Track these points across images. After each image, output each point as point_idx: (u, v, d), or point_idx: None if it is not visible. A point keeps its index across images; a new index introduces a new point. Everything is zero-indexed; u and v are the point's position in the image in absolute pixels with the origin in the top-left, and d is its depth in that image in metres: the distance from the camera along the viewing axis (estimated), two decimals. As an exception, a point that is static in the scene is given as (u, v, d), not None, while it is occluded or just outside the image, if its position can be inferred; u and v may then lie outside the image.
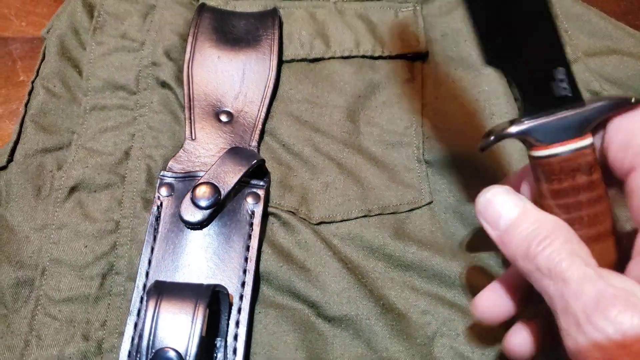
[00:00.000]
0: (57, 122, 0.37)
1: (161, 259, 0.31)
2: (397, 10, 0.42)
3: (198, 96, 0.37)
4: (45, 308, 0.31)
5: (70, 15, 0.40)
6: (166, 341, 0.26)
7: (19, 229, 0.33)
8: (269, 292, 0.32)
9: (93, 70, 0.38)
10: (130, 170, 0.35)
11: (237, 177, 0.32)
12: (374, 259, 0.34)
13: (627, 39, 0.40)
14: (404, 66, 0.40)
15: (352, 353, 0.31)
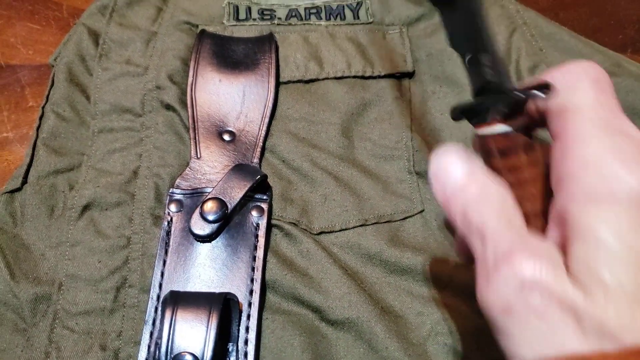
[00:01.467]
0: (67, 144, 0.39)
1: (173, 271, 0.33)
2: (385, 32, 0.45)
3: (202, 117, 0.39)
4: (63, 321, 0.32)
5: (77, 43, 0.43)
6: (183, 347, 0.28)
7: (35, 247, 0.35)
8: (275, 299, 0.34)
9: (100, 94, 0.41)
10: (139, 189, 0.37)
11: (242, 192, 0.34)
12: (372, 265, 0.36)
13: (596, 56, 0.43)
14: (393, 85, 0.43)
15: (354, 354, 0.33)
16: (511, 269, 0.19)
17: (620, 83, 0.41)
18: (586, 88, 0.21)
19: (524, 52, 0.42)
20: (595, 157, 0.20)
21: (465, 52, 0.26)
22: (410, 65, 0.43)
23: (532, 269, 0.19)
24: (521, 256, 0.19)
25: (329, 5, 0.47)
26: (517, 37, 0.43)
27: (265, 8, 0.46)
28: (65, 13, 0.49)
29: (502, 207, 0.21)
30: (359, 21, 0.46)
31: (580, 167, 0.20)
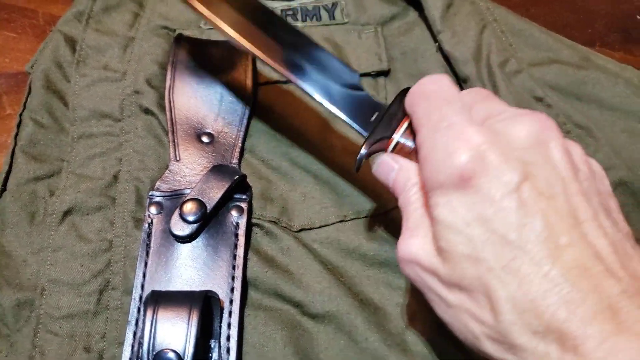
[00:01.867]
0: (46, 151, 0.39)
1: (155, 272, 0.33)
2: (360, 32, 0.46)
3: (180, 120, 0.40)
4: (47, 325, 0.33)
5: (54, 50, 0.43)
6: (165, 344, 0.28)
7: (16, 254, 0.35)
8: (257, 295, 0.35)
9: (79, 100, 0.41)
10: (120, 193, 0.38)
11: (221, 192, 0.35)
12: (351, 259, 0.37)
13: (565, 50, 0.44)
14: (368, 83, 0.44)
15: (335, 345, 0.33)
16: (402, 248, 0.27)
17: (588, 76, 0.42)
18: (419, 105, 0.28)
19: (494, 48, 0.43)
20: (426, 155, 0.26)
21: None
22: (385, 63, 0.44)
23: (413, 248, 0.27)
24: (409, 238, 0.27)
25: (305, 6, 0.47)
26: (488, 33, 0.44)
27: (241, 11, 0.47)
28: (41, 20, 0.49)
29: (408, 186, 0.29)
30: (335, 22, 0.47)
31: (421, 164, 0.27)
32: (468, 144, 0.24)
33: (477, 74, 0.42)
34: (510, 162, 0.24)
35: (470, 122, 0.26)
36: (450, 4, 0.45)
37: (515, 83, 0.42)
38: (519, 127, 0.25)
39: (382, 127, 0.31)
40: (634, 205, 0.38)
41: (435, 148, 0.26)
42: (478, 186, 0.24)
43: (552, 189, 0.24)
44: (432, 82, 0.28)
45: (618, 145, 0.40)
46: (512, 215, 0.23)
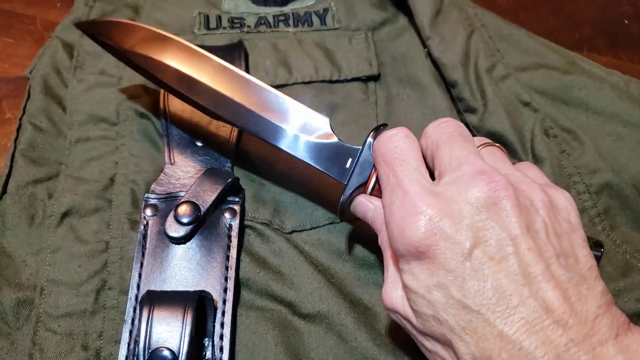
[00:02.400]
0: (45, 155, 0.40)
1: (150, 272, 0.34)
2: (351, 37, 0.47)
3: (174, 124, 0.41)
4: (46, 324, 0.34)
5: (52, 55, 0.44)
6: (160, 343, 0.30)
7: (16, 255, 0.36)
8: (249, 296, 0.36)
9: (76, 105, 0.42)
10: (116, 195, 0.39)
11: (214, 195, 0.36)
12: (342, 260, 0.38)
13: (551, 55, 0.45)
14: (359, 88, 0.45)
15: (326, 345, 0.34)
16: (386, 303, 0.30)
17: (575, 80, 0.43)
18: (380, 165, 0.30)
19: (482, 54, 0.44)
20: (387, 224, 0.29)
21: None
22: (375, 68, 0.45)
23: (393, 300, 0.29)
24: (390, 291, 0.30)
25: (297, 12, 0.49)
26: (476, 38, 0.45)
27: (235, 17, 0.48)
28: (39, 27, 0.50)
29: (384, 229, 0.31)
30: (326, 27, 0.48)
31: (387, 230, 0.29)
32: (420, 219, 0.26)
33: (465, 79, 0.43)
34: (461, 231, 0.26)
35: (422, 190, 0.27)
36: (439, 11, 0.46)
37: (502, 88, 0.43)
38: (471, 191, 0.26)
39: (357, 174, 0.33)
40: (619, 207, 0.39)
41: (393, 221, 0.28)
42: (434, 257, 0.26)
43: (503, 251, 0.25)
44: (390, 140, 0.30)
45: (604, 148, 0.41)
46: (466, 282, 0.25)
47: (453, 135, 0.30)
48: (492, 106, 0.41)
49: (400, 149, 0.30)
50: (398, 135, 0.30)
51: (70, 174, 0.39)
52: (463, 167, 0.28)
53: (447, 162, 0.28)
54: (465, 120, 0.43)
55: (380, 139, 0.31)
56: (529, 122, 0.41)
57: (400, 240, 0.27)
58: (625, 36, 0.52)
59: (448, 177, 0.28)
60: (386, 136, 0.31)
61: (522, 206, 0.26)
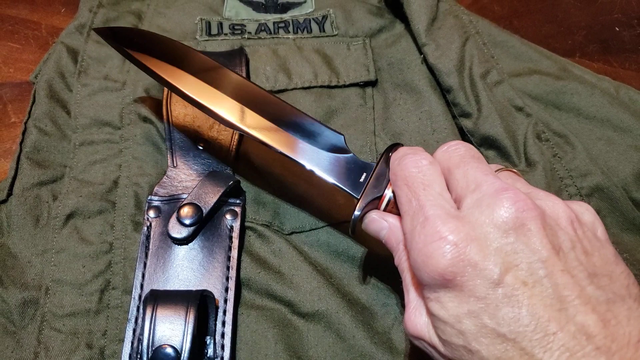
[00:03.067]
0: (50, 157, 0.41)
1: (153, 272, 0.35)
2: (349, 44, 0.48)
3: (177, 128, 0.42)
4: (51, 323, 0.35)
5: (56, 60, 0.45)
6: (163, 340, 0.30)
7: (22, 255, 0.37)
8: (250, 295, 0.37)
9: (80, 109, 0.43)
10: (120, 197, 0.40)
11: (216, 197, 0.37)
12: (340, 261, 0.39)
13: (545, 61, 0.47)
14: (357, 93, 0.46)
15: (324, 343, 0.35)
16: (409, 329, 0.29)
17: (567, 86, 0.45)
18: (400, 189, 0.29)
19: (476, 60, 0.45)
20: (409, 251, 0.27)
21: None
22: (373, 74, 0.46)
23: (417, 327, 0.28)
24: (413, 317, 0.28)
25: (297, 19, 0.50)
26: (470, 45, 0.46)
27: (236, 23, 0.49)
28: (44, 32, 0.51)
29: (400, 249, 0.30)
30: (325, 34, 0.49)
31: (408, 256, 0.28)
32: (444, 246, 0.25)
33: (460, 85, 0.44)
34: (489, 257, 0.24)
35: (445, 215, 0.26)
36: (434, 18, 0.47)
37: (496, 93, 0.44)
38: (496, 213, 0.25)
39: (371, 188, 0.32)
40: (609, 209, 0.40)
41: (415, 247, 0.26)
42: (462, 284, 0.25)
43: (535, 275, 0.24)
44: (414, 164, 0.29)
45: (595, 152, 0.42)
46: (499, 309, 0.24)
47: (465, 157, 0.29)
48: (486, 111, 0.42)
49: (424, 173, 0.29)
50: (423, 161, 0.29)
51: (75, 177, 0.40)
52: (483, 187, 0.26)
53: (463, 184, 0.27)
54: (460, 125, 0.44)
55: (403, 162, 0.30)
56: (522, 127, 0.42)
57: (425, 268, 0.25)
58: (616, 43, 0.54)
59: (469, 199, 0.27)
60: (410, 160, 0.29)
61: (548, 226, 0.25)
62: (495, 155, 0.42)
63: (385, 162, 0.32)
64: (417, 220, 0.27)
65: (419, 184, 0.28)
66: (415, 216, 0.27)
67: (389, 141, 0.44)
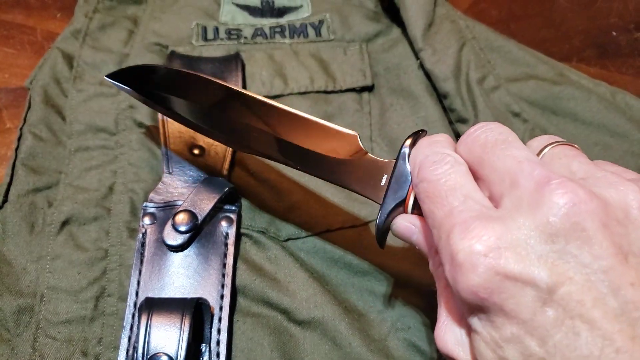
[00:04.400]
0: (45, 164, 0.41)
1: (148, 280, 0.35)
2: (346, 49, 0.48)
3: (172, 134, 0.41)
4: (46, 330, 0.34)
5: (52, 66, 0.45)
6: (158, 348, 0.30)
7: (16, 262, 0.37)
8: (245, 302, 0.36)
9: (75, 115, 0.43)
10: (115, 204, 0.39)
11: (211, 203, 0.37)
12: (337, 267, 0.39)
13: (541, 66, 0.47)
14: (353, 98, 0.46)
15: (320, 350, 0.35)
16: (440, 342, 0.25)
17: (563, 91, 0.45)
18: (424, 202, 0.25)
19: (473, 65, 0.45)
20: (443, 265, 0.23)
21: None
22: (369, 79, 0.46)
23: (449, 345, 0.24)
24: (445, 332, 0.25)
25: (293, 24, 0.50)
26: (467, 50, 0.46)
27: (232, 28, 0.49)
28: (39, 37, 0.51)
29: (432, 253, 0.27)
30: (321, 38, 0.49)
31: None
32: (473, 258, 0.20)
33: (457, 90, 0.44)
34: (532, 268, 0.20)
35: (473, 220, 0.21)
36: (431, 23, 0.47)
37: (493, 98, 0.44)
38: (540, 212, 0.20)
39: (393, 192, 0.28)
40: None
41: (445, 263, 0.22)
42: (501, 304, 0.20)
43: (595, 291, 0.19)
44: (433, 169, 0.25)
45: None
46: (550, 335, 0.19)
47: (487, 145, 0.24)
48: (483, 117, 0.42)
49: (446, 179, 0.24)
50: (444, 166, 0.24)
51: (70, 183, 0.40)
52: (520, 180, 0.21)
53: (495, 180, 0.23)
54: (457, 131, 0.44)
55: (422, 172, 0.25)
56: (519, 132, 0.42)
57: (456, 285, 0.21)
58: (613, 47, 0.54)
59: (507, 199, 0.22)
60: (428, 167, 0.25)
61: (612, 223, 0.20)
62: (492, 161, 0.42)
63: (404, 159, 0.28)
64: (443, 231, 0.22)
65: (441, 192, 0.24)
66: (441, 227, 0.23)
67: (385, 147, 0.44)
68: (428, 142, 0.27)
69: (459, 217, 0.22)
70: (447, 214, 0.23)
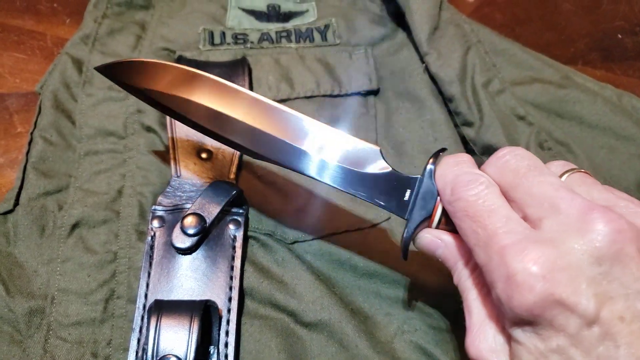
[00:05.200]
0: (55, 167, 0.42)
1: (157, 282, 0.36)
2: (351, 53, 0.48)
3: (180, 138, 0.42)
4: (57, 332, 0.35)
5: (62, 71, 0.45)
6: (167, 350, 0.31)
7: (28, 265, 0.37)
8: (253, 304, 0.37)
9: (85, 119, 0.43)
10: (124, 207, 0.40)
11: (219, 207, 0.37)
12: (343, 270, 0.39)
13: (546, 69, 0.47)
14: (359, 102, 0.46)
15: (327, 352, 0.35)
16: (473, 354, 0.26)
17: (569, 94, 0.45)
18: (463, 221, 0.27)
19: (478, 69, 0.45)
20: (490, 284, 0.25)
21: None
22: (375, 83, 0.47)
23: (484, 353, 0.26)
24: (478, 341, 0.26)
25: (299, 28, 0.50)
26: (472, 54, 0.46)
27: (239, 33, 0.50)
28: (49, 43, 0.51)
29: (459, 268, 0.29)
30: (327, 43, 0.49)
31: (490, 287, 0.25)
32: (530, 279, 0.22)
33: (462, 94, 0.44)
34: (581, 289, 0.22)
35: (524, 242, 0.23)
36: (436, 27, 0.47)
37: (498, 102, 0.44)
38: (588, 238, 0.22)
39: (420, 207, 0.29)
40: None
41: (496, 280, 0.24)
42: (551, 320, 0.22)
43: (633, 309, 0.22)
44: (468, 190, 0.26)
45: (597, 160, 0.42)
46: (594, 348, 0.22)
47: (520, 171, 0.26)
48: (488, 120, 0.43)
49: (483, 199, 0.26)
50: (479, 186, 0.26)
51: (80, 186, 0.41)
52: (561, 206, 0.24)
53: (531, 203, 0.25)
54: (462, 134, 0.44)
55: (458, 191, 0.27)
56: (524, 135, 0.43)
57: (510, 304, 0.23)
58: (618, 50, 0.54)
59: (549, 221, 0.24)
60: (464, 187, 0.26)
61: None
62: (497, 164, 0.42)
63: (430, 177, 0.29)
64: (491, 251, 0.24)
65: (482, 212, 0.25)
66: (487, 247, 0.24)
67: (391, 150, 0.44)
68: (454, 161, 0.28)
69: (507, 238, 0.24)
70: (492, 235, 0.24)
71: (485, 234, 0.25)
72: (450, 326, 0.37)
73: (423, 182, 0.30)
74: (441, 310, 0.37)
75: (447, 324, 0.37)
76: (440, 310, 0.38)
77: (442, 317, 0.37)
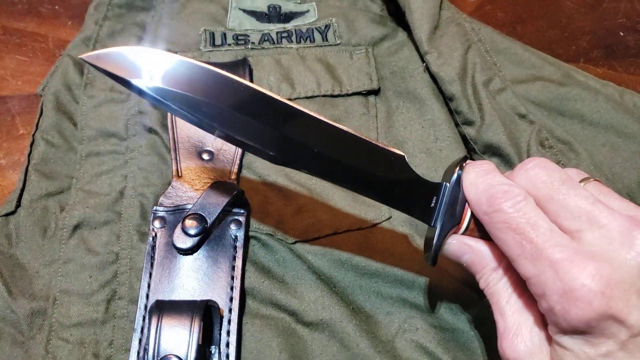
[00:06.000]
0: (57, 169, 0.42)
1: (159, 282, 0.36)
2: (352, 52, 0.48)
3: (181, 139, 0.42)
4: (58, 333, 0.35)
5: (63, 73, 0.46)
6: (169, 350, 0.31)
7: (30, 266, 0.38)
8: (254, 304, 0.37)
9: (86, 121, 0.44)
10: (126, 208, 0.40)
11: (220, 207, 0.37)
12: (344, 269, 0.39)
13: (547, 67, 0.47)
14: (360, 102, 0.46)
15: (328, 352, 0.36)
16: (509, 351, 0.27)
17: (570, 92, 0.45)
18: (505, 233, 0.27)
19: (479, 68, 0.45)
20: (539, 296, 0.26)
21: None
22: (375, 82, 0.47)
23: (522, 354, 0.27)
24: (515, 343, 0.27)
25: (299, 29, 0.50)
26: (473, 53, 0.46)
27: (240, 33, 0.50)
28: (51, 45, 0.52)
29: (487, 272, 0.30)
30: (328, 43, 0.49)
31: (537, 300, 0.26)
32: (589, 294, 0.23)
33: (463, 93, 0.44)
34: (631, 302, 0.23)
35: (576, 256, 0.24)
36: (436, 26, 0.47)
37: (499, 100, 0.44)
38: (634, 252, 0.24)
39: (448, 215, 0.30)
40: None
41: (551, 294, 0.25)
42: (603, 329, 0.24)
43: None
44: (507, 203, 0.27)
45: (599, 158, 0.42)
46: (638, 350, 0.23)
47: (553, 184, 0.27)
48: (489, 119, 0.43)
49: (523, 212, 0.26)
50: (517, 197, 0.27)
51: (81, 188, 0.41)
52: (601, 220, 0.25)
53: (568, 216, 0.26)
54: (463, 133, 0.44)
55: (495, 203, 0.27)
56: (526, 134, 0.42)
57: (566, 316, 0.24)
58: (620, 48, 0.53)
59: (591, 234, 0.25)
60: (501, 200, 0.27)
61: None
62: (499, 163, 0.42)
63: (457, 184, 0.30)
64: (542, 265, 0.25)
65: (525, 225, 0.26)
66: (536, 260, 0.25)
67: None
68: (483, 170, 0.29)
69: (558, 252, 0.25)
70: (541, 248, 0.25)
71: (533, 247, 0.25)
72: (451, 325, 0.37)
73: (450, 190, 0.30)
74: (442, 310, 0.37)
75: (448, 323, 0.37)
76: (441, 309, 0.37)
77: (443, 316, 0.37)
